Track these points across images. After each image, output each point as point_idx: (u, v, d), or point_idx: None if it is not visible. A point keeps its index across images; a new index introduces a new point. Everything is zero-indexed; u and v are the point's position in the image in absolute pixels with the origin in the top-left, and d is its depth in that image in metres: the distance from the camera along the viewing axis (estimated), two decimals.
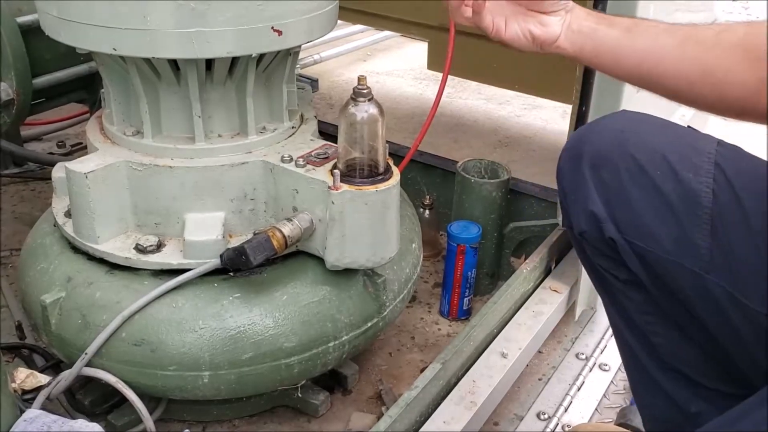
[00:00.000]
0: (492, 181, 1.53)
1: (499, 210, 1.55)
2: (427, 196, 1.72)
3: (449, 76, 1.51)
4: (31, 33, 1.35)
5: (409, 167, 1.68)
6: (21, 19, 1.33)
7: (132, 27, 0.96)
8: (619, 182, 0.89)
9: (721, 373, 0.92)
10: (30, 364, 1.37)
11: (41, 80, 1.40)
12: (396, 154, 1.78)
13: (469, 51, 2.19)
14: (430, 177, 1.80)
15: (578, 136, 0.98)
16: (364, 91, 1.03)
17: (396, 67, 3.10)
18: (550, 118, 2.62)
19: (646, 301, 0.93)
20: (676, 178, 0.86)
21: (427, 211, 1.71)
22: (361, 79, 1.03)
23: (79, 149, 2.13)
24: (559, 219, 1.52)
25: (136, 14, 0.96)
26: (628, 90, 1.46)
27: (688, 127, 0.96)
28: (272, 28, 1.01)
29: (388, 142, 1.11)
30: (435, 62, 2.26)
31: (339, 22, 1.21)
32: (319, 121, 1.33)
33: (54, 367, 1.32)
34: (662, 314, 0.93)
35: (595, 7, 1.46)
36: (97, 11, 0.97)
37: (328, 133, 1.75)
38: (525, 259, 1.66)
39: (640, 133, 0.92)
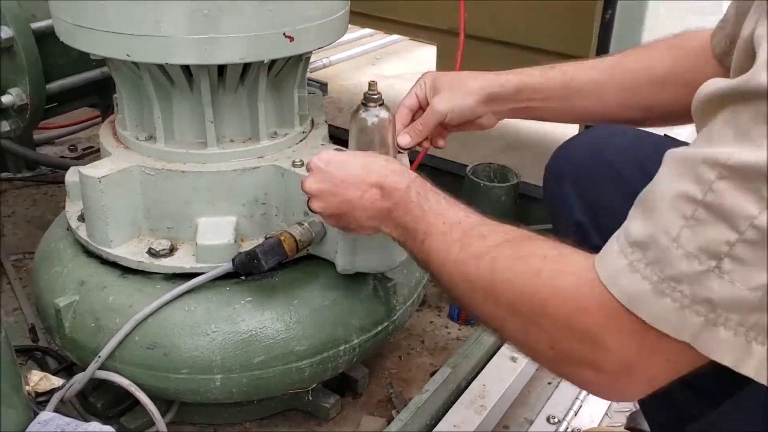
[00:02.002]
0: (501, 185, 1.53)
1: (508, 214, 1.55)
2: None
3: None
4: (45, 38, 1.36)
5: (419, 171, 1.68)
6: (35, 25, 1.34)
7: (145, 33, 0.98)
8: (599, 191, 0.93)
9: (719, 373, 0.93)
10: (43, 367, 1.38)
11: (54, 85, 1.41)
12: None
13: (478, 55, 2.19)
14: (439, 181, 1.78)
15: (558, 153, 1.02)
16: (375, 96, 1.03)
17: (405, 71, 3.11)
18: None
19: None
20: None
21: None
22: (371, 84, 1.03)
23: (91, 153, 2.15)
24: None
25: (149, 21, 0.97)
26: None
27: (665, 135, 0.99)
28: (284, 34, 1.02)
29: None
30: (444, 66, 2.26)
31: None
32: (328, 125, 1.34)
33: (67, 369, 1.33)
34: None
35: (604, 10, 1.46)
36: (111, 17, 0.98)
37: (337, 137, 1.75)
38: None
39: (617, 144, 0.97)
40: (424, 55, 3.18)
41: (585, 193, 0.96)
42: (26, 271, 1.63)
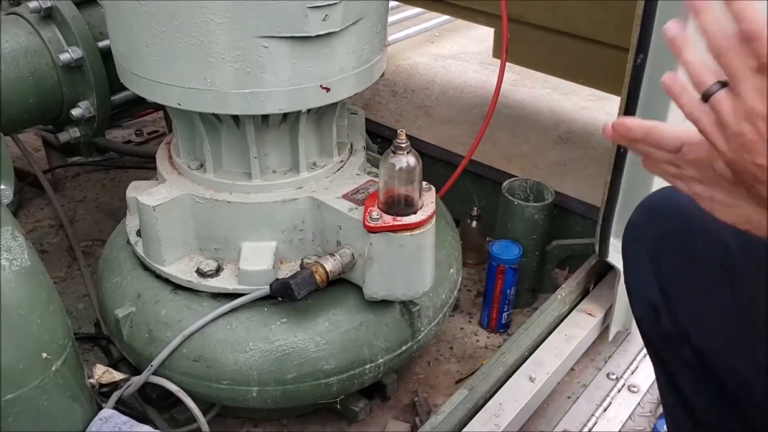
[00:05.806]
0: (535, 204, 1.58)
1: (541, 231, 1.60)
2: (475, 207, 1.78)
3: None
4: (111, 55, 1.46)
5: (461, 176, 1.73)
6: (102, 44, 1.45)
7: (195, 87, 1.07)
8: (678, 275, 0.88)
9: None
10: (107, 354, 1.53)
11: (119, 97, 1.51)
12: (450, 162, 1.85)
13: (532, 41, 2.20)
14: (480, 185, 1.85)
15: (645, 213, 0.94)
16: (403, 145, 1.10)
17: (464, 50, 3.11)
18: (614, 111, 2.59)
19: (696, 381, 0.91)
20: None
21: (475, 222, 1.78)
22: (399, 134, 1.10)
23: (156, 137, 2.28)
24: None
25: (198, 76, 1.06)
26: None
27: None
28: (320, 86, 1.09)
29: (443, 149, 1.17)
30: (500, 52, 2.27)
31: None
32: (373, 122, 1.40)
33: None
34: (710, 395, 0.89)
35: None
36: (163, 70, 1.08)
37: (378, 134, 1.83)
38: (569, 271, 1.71)
39: (706, 221, 0.76)
40: (486, 33, 3.16)
41: (661, 270, 0.89)
42: (95, 258, 1.78)
